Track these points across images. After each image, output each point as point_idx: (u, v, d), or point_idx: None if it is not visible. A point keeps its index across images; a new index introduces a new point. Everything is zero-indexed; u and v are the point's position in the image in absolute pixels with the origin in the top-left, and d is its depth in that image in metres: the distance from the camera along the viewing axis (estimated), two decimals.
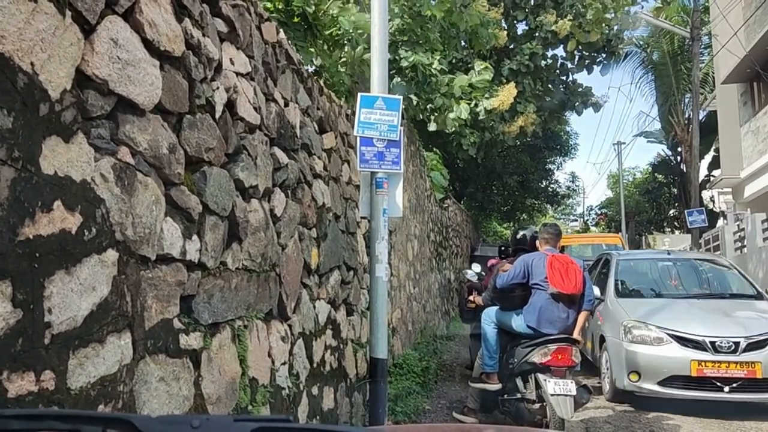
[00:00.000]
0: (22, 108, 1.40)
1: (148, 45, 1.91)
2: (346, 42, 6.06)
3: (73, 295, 1.55)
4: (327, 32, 5.68)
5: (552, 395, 4.36)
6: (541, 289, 4.68)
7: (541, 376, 4.49)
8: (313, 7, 5.36)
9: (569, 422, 4.55)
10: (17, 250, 1.37)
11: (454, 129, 8.58)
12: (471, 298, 6.45)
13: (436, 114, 8.31)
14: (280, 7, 5.24)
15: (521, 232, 6.03)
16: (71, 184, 1.55)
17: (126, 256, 1.79)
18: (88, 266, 1.61)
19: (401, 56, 7.23)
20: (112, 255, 1.72)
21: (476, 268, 7.77)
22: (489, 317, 5.12)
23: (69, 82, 1.57)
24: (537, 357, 4.52)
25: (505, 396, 4.88)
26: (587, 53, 13.79)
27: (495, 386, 4.94)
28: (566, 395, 4.34)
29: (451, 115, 8.16)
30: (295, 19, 5.38)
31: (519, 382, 4.76)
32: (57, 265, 1.50)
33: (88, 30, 1.64)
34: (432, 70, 7.58)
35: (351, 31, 5.82)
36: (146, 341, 1.89)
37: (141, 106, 1.88)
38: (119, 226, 1.76)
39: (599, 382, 6.67)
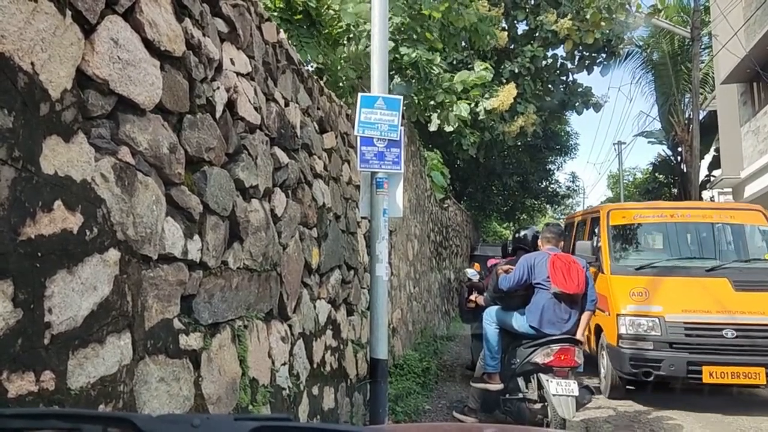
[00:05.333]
0: (22, 108, 1.40)
1: (149, 45, 1.91)
2: (348, 39, 6.06)
3: (74, 294, 1.55)
4: (329, 30, 5.67)
5: (554, 395, 4.35)
6: (544, 288, 4.67)
7: (543, 377, 4.48)
8: (315, 2, 5.35)
9: (570, 422, 4.54)
10: (18, 250, 1.37)
11: (455, 127, 8.56)
12: (472, 298, 6.44)
13: (438, 111, 8.29)
14: (281, 5, 5.24)
15: (522, 232, 6.04)
16: (72, 184, 1.55)
17: (127, 256, 1.79)
18: (90, 266, 1.61)
19: (402, 54, 7.22)
20: (113, 254, 1.72)
21: (475, 268, 7.79)
22: (490, 317, 5.12)
23: (69, 81, 1.56)
24: (540, 357, 4.51)
25: (507, 396, 4.87)
26: (587, 53, 13.78)
27: (497, 386, 4.94)
28: (568, 396, 4.34)
29: (453, 113, 8.16)
30: (297, 17, 5.38)
31: (521, 382, 4.76)
32: (58, 264, 1.49)
33: (88, 30, 1.64)
34: (433, 67, 7.57)
35: (353, 25, 5.82)
36: (146, 341, 1.89)
37: (141, 105, 1.88)
38: (120, 226, 1.75)
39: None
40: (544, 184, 26.30)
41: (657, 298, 5.94)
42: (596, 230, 7.31)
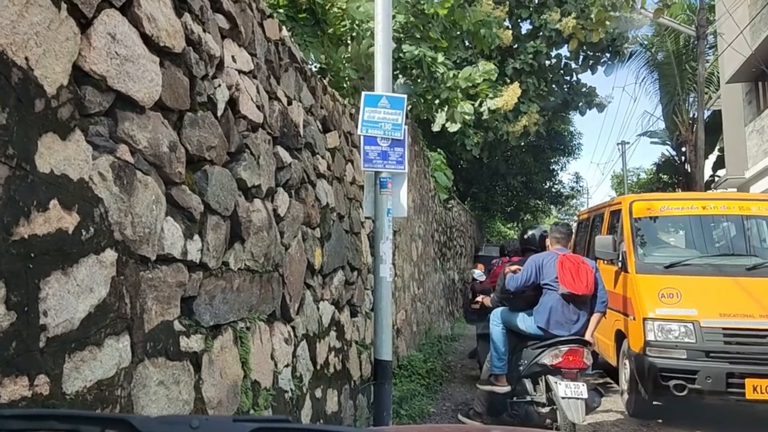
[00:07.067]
0: (16, 104, 1.36)
1: (147, 40, 1.87)
2: (351, 39, 6.02)
3: (70, 296, 1.51)
4: (333, 29, 5.64)
5: (563, 398, 4.29)
6: (552, 289, 4.61)
7: (551, 379, 4.42)
8: (323, 0, 5.31)
9: (579, 426, 4.47)
10: (11, 251, 1.33)
11: (460, 126, 8.51)
12: (478, 299, 6.39)
13: (444, 108, 8.21)
14: (285, 2, 5.21)
15: (530, 232, 5.95)
16: (68, 183, 1.51)
17: (125, 257, 1.75)
18: (86, 267, 1.57)
19: (405, 51, 7.15)
20: (110, 255, 1.67)
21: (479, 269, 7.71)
22: (497, 318, 5.06)
23: (65, 77, 1.52)
24: (548, 358, 4.45)
25: (515, 399, 4.81)
26: (591, 53, 13.73)
27: (504, 389, 4.88)
28: (577, 398, 4.27)
29: (459, 110, 8.10)
30: (302, 15, 5.34)
31: (528, 384, 4.69)
32: (53, 265, 1.45)
33: (84, 24, 1.59)
34: (437, 65, 7.52)
35: (359, 23, 5.77)
36: (145, 344, 1.85)
37: (140, 103, 1.84)
38: (118, 226, 1.71)
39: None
40: (548, 184, 26.18)
41: (690, 300, 5.26)
42: (617, 224, 6.54)
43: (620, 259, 6.06)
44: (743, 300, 5.22)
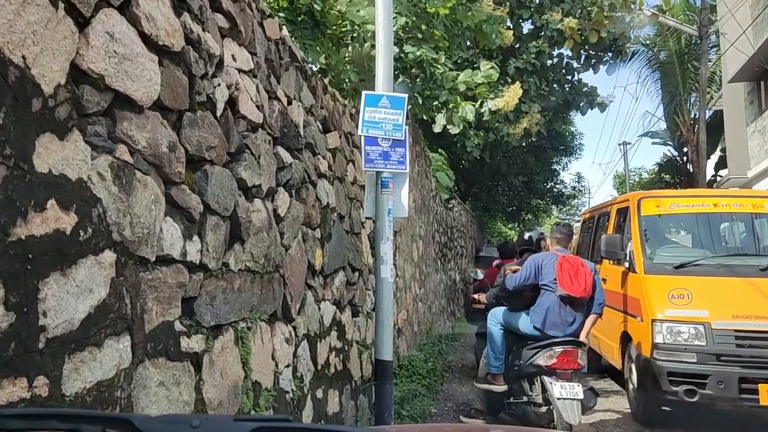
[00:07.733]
0: (13, 103, 1.35)
1: (146, 39, 1.86)
2: (351, 39, 6.02)
3: (69, 297, 1.50)
4: (333, 30, 5.63)
5: (558, 399, 4.30)
6: (550, 290, 4.62)
7: (546, 379, 4.43)
8: (321, 4, 5.30)
9: (577, 426, 4.47)
10: (9, 251, 1.32)
11: (460, 129, 8.48)
12: (475, 296, 6.40)
13: (443, 111, 8.19)
14: (284, 5, 5.20)
15: (528, 234, 6.00)
16: (66, 183, 1.50)
17: (124, 257, 1.73)
18: (85, 267, 1.56)
19: (407, 51, 7.13)
20: (109, 256, 1.66)
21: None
22: (495, 317, 5.06)
23: (63, 76, 1.51)
24: (542, 359, 4.46)
25: (512, 399, 4.82)
26: (593, 52, 13.70)
27: (501, 388, 4.89)
28: (573, 399, 4.27)
29: (458, 114, 8.09)
30: (301, 18, 5.34)
31: (525, 384, 4.70)
32: (51, 266, 1.44)
33: (82, 23, 1.58)
34: (438, 66, 7.50)
35: (359, 26, 5.77)
36: (146, 344, 1.84)
37: (139, 102, 1.83)
38: (117, 226, 1.70)
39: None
40: (550, 184, 26.18)
41: (701, 301, 5.04)
42: (624, 223, 6.31)
43: (627, 258, 5.86)
44: (757, 301, 5.01)
